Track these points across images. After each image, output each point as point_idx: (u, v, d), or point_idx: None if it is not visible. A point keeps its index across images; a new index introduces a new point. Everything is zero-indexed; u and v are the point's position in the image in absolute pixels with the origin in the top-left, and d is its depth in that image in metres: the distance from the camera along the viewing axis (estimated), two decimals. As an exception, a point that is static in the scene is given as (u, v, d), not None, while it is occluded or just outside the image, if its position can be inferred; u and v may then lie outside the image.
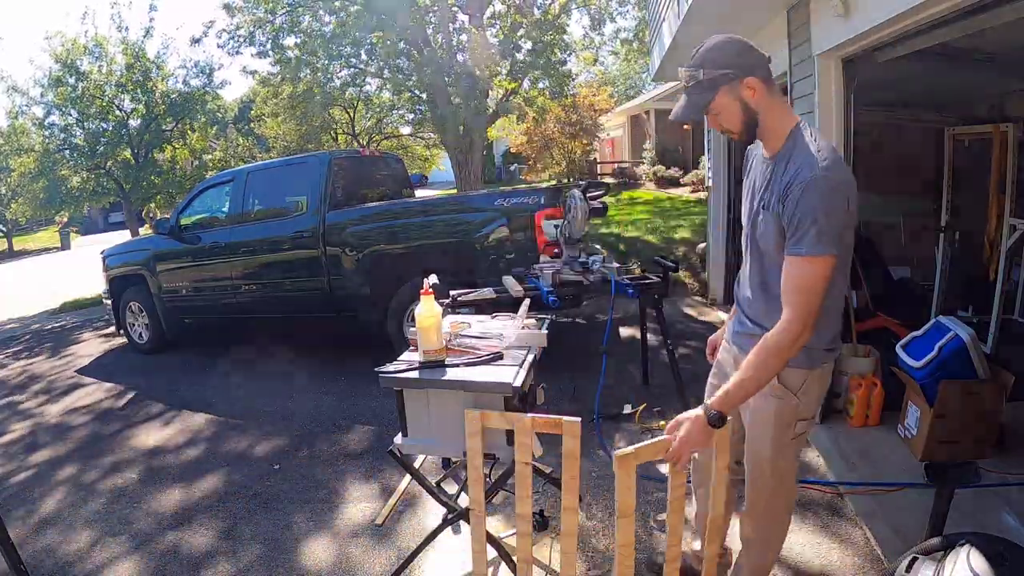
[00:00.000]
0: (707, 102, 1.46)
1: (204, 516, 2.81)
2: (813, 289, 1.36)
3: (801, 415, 1.58)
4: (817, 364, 1.55)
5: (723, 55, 1.42)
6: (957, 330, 2.66)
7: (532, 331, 2.09)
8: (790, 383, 1.55)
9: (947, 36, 2.15)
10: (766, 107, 1.44)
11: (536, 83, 11.26)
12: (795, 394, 1.55)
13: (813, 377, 1.55)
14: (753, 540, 1.81)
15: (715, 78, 1.42)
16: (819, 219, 1.32)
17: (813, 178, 1.34)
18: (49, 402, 4.73)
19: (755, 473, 1.71)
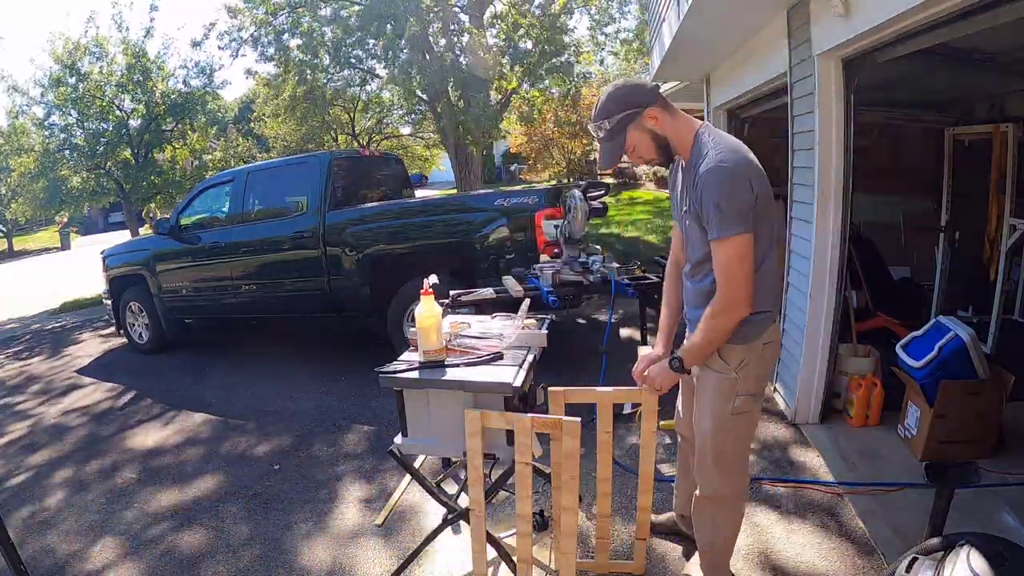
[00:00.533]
0: (622, 144, 1.64)
1: (204, 516, 2.81)
2: (732, 268, 1.53)
3: (740, 391, 1.68)
4: (754, 338, 1.65)
5: (619, 101, 1.61)
6: (957, 330, 2.66)
7: (532, 331, 2.09)
8: (729, 358, 1.67)
9: (947, 36, 2.15)
10: (671, 128, 1.62)
11: (537, 84, 11.27)
12: (734, 369, 1.67)
13: (752, 354, 1.67)
14: (703, 521, 1.90)
15: (620, 121, 1.61)
16: (720, 204, 1.50)
17: (708, 170, 1.52)
18: (49, 402, 4.73)
19: (700, 449, 1.81)
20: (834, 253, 2.90)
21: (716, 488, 1.81)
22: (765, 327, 1.67)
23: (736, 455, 1.79)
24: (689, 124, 1.63)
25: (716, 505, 1.84)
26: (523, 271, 3.76)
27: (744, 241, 1.51)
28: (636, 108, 1.59)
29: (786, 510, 2.44)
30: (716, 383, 1.70)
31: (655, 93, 1.62)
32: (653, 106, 1.60)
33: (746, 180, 1.51)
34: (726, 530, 1.88)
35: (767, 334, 1.68)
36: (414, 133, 17.60)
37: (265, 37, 10.33)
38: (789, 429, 3.10)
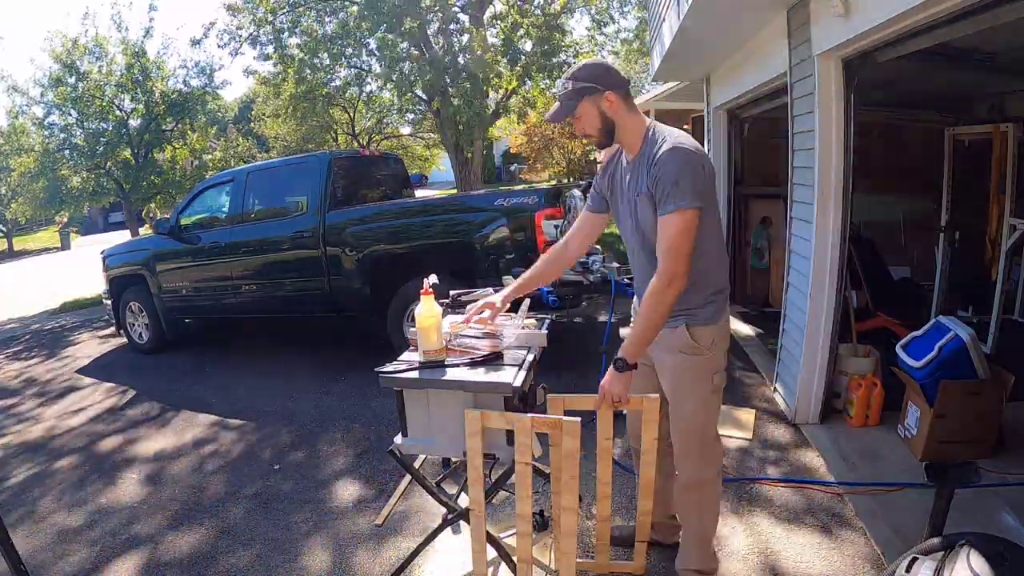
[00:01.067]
0: (573, 107, 1.73)
1: (204, 516, 2.81)
2: (678, 240, 1.60)
3: (715, 367, 1.80)
4: (719, 317, 1.78)
5: (590, 72, 1.72)
6: (957, 330, 2.66)
7: (532, 331, 2.09)
8: (702, 340, 1.76)
9: (947, 36, 2.15)
10: (622, 119, 1.73)
11: (537, 83, 11.27)
12: (706, 349, 1.76)
13: (720, 332, 1.79)
14: (689, 506, 1.96)
15: (581, 89, 1.71)
16: (679, 180, 1.58)
17: (668, 150, 1.61)
18: (48, 403, 4.72)
19: (682, 437, 1.87)
20: (834, 253, 2.90)
21: (700, 471, 1.89)
22: (723, 306, 1.79)
23: (713, 431, 1.89)
24: (641, 122, 1.75)
25: (701, 488, 1.91)
26: (523, 271, 3.76)
27: (694, 216, 1.59)
28: (599, 85, 1.70)
29: (786, 510, 2.44)
30: (693, 366, 1.78)
31: (623, 82, 1.73)
32: (615, 91, 1.70)
33: (700, 163, 1.62)
34: (712, 510, 1.97)
35: (726, 312, 1.81)
36: (414, 133, 17.59)
37: (264, 36, 10.32)
38: (789, 429, 3.10)
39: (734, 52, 4.34)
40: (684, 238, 1.59)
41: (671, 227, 1.60)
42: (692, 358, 1.77)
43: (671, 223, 1.60)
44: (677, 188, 1.58)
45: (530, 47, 10.45)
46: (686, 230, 1.59)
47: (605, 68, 1.74)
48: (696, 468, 1.88)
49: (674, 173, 1.59)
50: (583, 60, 1.80)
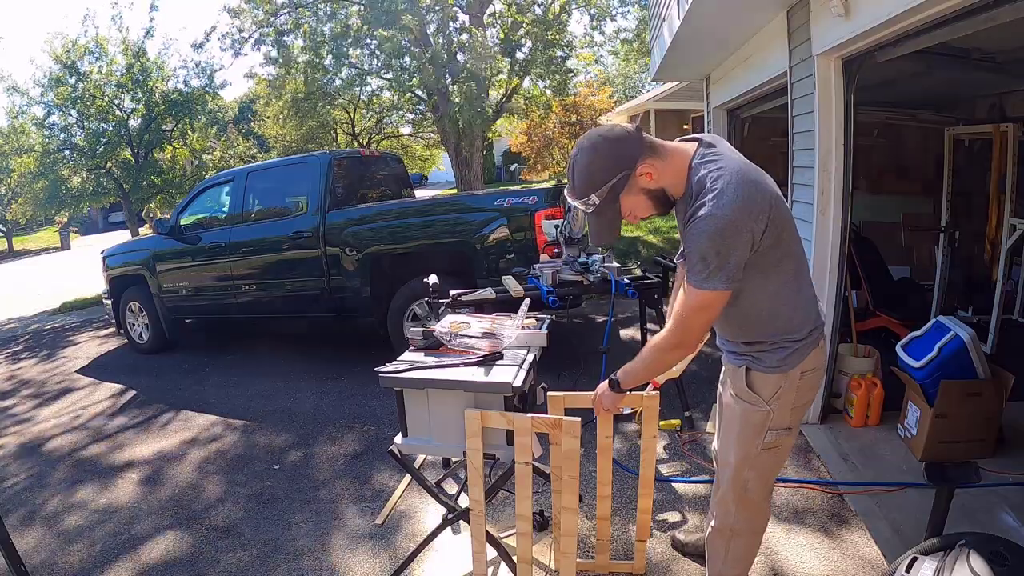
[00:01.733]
0: (617, 214, 1.45)
1: (204, 516, 2.81)
2: (692, 314, 1.42)
3: (773, 425, 1.54)
4: (792, 367, 1.50)
5: (605, 165, 1.38)
6: (957, 330, 2.66)
7: (532, 331, 2.09)
8: (760, 389, 1.52)
9: (947, 36, 2.15)
10: (666, 175, 1.41)
11: (537, 82, 11.27)
12: (767, 401, 1.52)
13: (788, 383, 1.51)
14: (717, 550, 1.78)
15: (613, 188, 1.39)
16: (705, 256, 1.33)
17: (703, 217, 1.32)
18: (48, 402, 4.72)
19: (721, 480, 1.71)
20: (834, 253, 2.90)
21: (733, 522, 1.70)
22: (805, 354, 1.51)
23: (760, 492, 1.67)
24: (681, 157, 1.42)
25: (734, 538, 1.73)
26: (523, 271, 3.76)
27: (717, 297, 1.37)
28: (626, 169, 1.38)
29: (786, 510, 2.44)
30: (745, 414, 1.56)
31: (641, 142, 1.40)
32: (643, 158, 1.38)
33: (745, 231, 1.33)
34: (739, 563, 1.78)
35: (807, 361, 1.52)
36: (414, 133, 17.59)
37: (266, 38, 10.32)
38: (789, 429, 3.10)
39: (734, 52, 4.34)
40: (698, 315, 1.42)
41: (689, 300, 1.42)
42: (747, 406, 1.55)
43: (690, 296, 1.42)
44: (703, 264, 1.34)
45: (530, 46, 10.45)
46: (701, 309, 1.40)
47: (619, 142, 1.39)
48: (729, 518, 1.70)
49: (702, 247, 1.33)
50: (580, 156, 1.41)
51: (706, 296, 1.37)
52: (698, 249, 1.35)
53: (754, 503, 1.67)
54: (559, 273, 3.56)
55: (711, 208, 1.31)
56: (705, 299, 1.38)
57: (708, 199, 1.32)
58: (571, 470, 1.75)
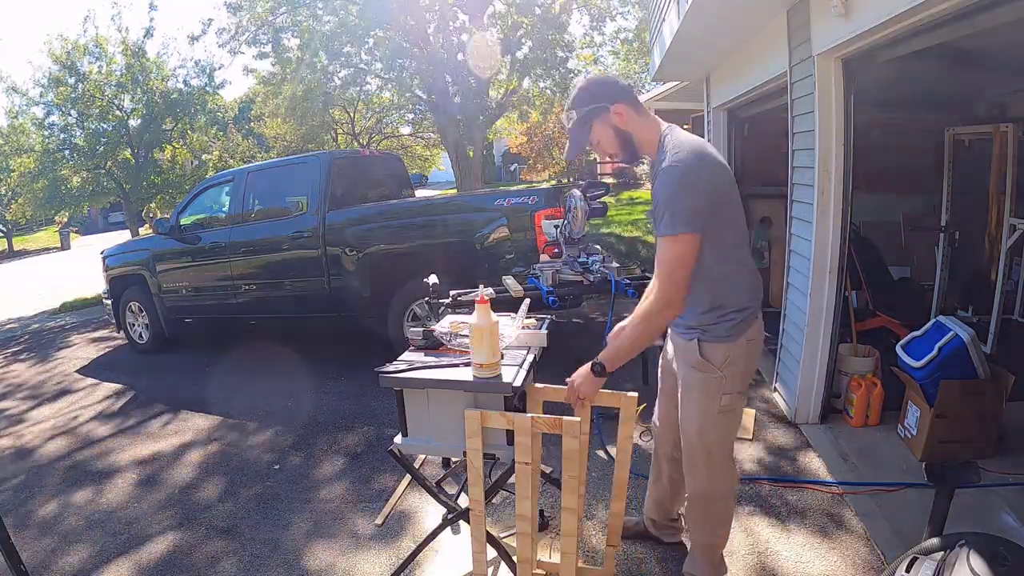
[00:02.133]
0: (586, 135, 1.67)
1: (204, 516, 2.81)
2: (672, 265, 1.53)
3: (726, 389, 1.70)
4: (737, 336, 1.67)
5: (589, 93, 1.64)
6: (957, 330, 2.66)
7: (532, 331, 2.09)
8: (713, 358, 1.68)
9: (947, 36, 2.15)
10: (636, 126, 1.64)
11: (537, 82, 11.27)
12: (719, 368, 1.69)
13: (736, 351, 1.68)
14: (697, 519, 1.93)
15: (588, 113, 1.64)
16: (670, 203, 1.51)
17: (664, 169, 1.54)
18: (47, 402, 4.72)
19: (687, 449, 1.84)
20: (834, 253, 2.90)
21: (707, 486, 1.85)
22: (748, 324, 1.69)
23: (723, 452, 1.83)
24: (655, 125, 1.65)
25: (708, 502, 1.88)
26: (523, 271, 3.76)
27: (687, 241, 1.51)
28: (603, 103, 1.62)
29: (786, 510, 2.44)
30: (702, 383, 1.72)
31: (626, 90, 1.66)
32: (621, 102, 1.62)
33: (698, 181, 1.51)
34: (720, 526, 1.92)
35: (750, 331, 1.70)
36: (414, 133, 17.60)
37: (263, 36, 10.31)
38: (789, 429, 3.10)
39: (734, 52, 4.34)
40: (678, 264, 1.52)
41: (665, 251, 1.54)
42: (701, 374, 1.71)
43: (665, 247, 1.54)
44: (668, 212, 1.51)
45: (530, 46, 10.45)
46: (680, 255, 1.52)
47: (604, 82, 1.68)
48: (702, 482, 1.84)
49: (666, 196, 1.52)
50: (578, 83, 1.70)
51: (679, 241, 1.51)
52: (664, 196, 1.54)
53: (719, 464, 1.82)
54: (559, 273, 3.57)
55: (671, 159, 1.54)
56: (679, 245, 1.52)
57: (669, 154, 1.55)
58: (571, 470, 1.75)
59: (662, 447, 2.10)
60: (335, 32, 9.63)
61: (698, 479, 1.84)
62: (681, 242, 1.51)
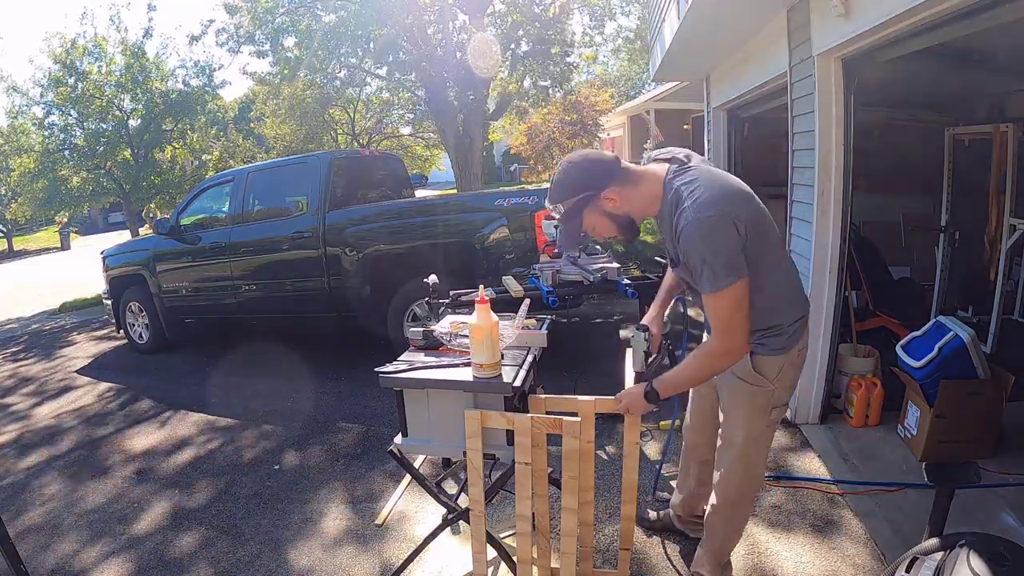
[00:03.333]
0: (579, 227, 1.59)
1: (204, 516, 2.81)
2: (726, 315, 1.48)
3: (775, 402, 1.68)
4: (791, 348, 1.63)
5: (573, 184, 1.54)
6: (957, 330, 2.66)
7: (532, 331, 2.09)
8: (766, 371, 1.63)
9: (947, 36, 2.15)
10: (632, 201, 1.55)
11: (536, 81, 11.27)
12: (771, 381, 1.64)
13: (788, 362, 1.64)
14: (716, 527, 1.90)
15: (575, 205, 1.55)
16: (707, 259, 1.43)
17: (688, 227, 1.43)
18: (47, 402, 4.72)
19: (726, 460, 1.80)
20: (834, 253, 2.90)
21: (734, 498, 1.83)
22: (801, 334, 1.66)
23: (760, 465, 1.82)
24: (654, 180, 1.55)
25: (732, 512, 1.87)
26: (523, 271, 3.76)
27: (738, 289, 1.44)
28: (590, 191, 1.53)
29: (786, 510, 2.44)
30: (751, 396, 1.67)
31: (611, 169, 1.54)
32: (609, 187, 1.52)
33: (730, 223, 1.42)
34: (735, 534, 1.94)
35: (801, 341, 1.67)
36: (414, 133, 17.59)
37: (262, 35, 10.31)
38: (789, 429, 3.10)
39: (734, 52, 4.34)
40: (732, 314, 1.47)
41: (715, 307, 1.49)
42: (751, 387, 1.66)
43: (715, 303, 1.48)
44: (709, 269, 1.43)
45: (529, 46, 10.45)
46: (732, 306, 1.46)
47: (586, 168, 1.55)
48: (731, 495, 1.83)
49: (700, 254, 1.43)
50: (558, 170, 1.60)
51: (727, 294, 1.44)
52: (697, 255, 1.44)
53: (754, 476, 1.81)
54: (559, 273, 3.56)
55: (692, 213, 1.43)
56: (729, 297, 1.44)
57: (687, 206, 1.44)
58: (571, 471, 1.75)
59: (694, 451, 2.09)
60: (334, 31, 9.63)
61: (730, 489, 1.82)
62: (730, 293, 1.44)
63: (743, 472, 1.77)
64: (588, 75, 16.91)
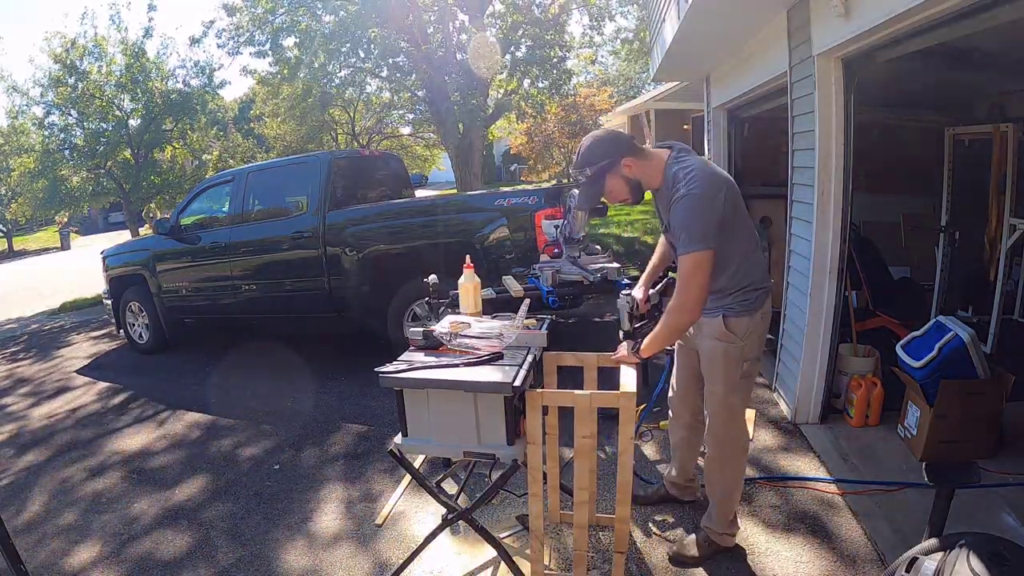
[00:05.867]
0: (600, 188, 1.93)
1: (204, 515, 2.81)
2: (688, 277, 1.81)
3: (747, 356, 1.99)
4: (756, 308, 1.96)
5: (599, 152, 1.89)
6: (957, 330, 2.66)
7: (532, 331, 2.09)
8: (736, 330, 1.95)
9: (947, 36, 2.15)
10: (642, 171, 1.91)
11: (535, 82, 11.28)
12: (740, 338, 1.96)
13: (755, 323, 1.97)
14: (715, 477, 2.15)
15: (599, 169, 1.88)
16: (688, 226, 1.79)
17: (679, 200, 1.81)
18: (47, 402, 4.72)
19: (712, 411, 2.09)
20: (834, 253, 2.90)
21: (725, 446, 2.09)
22: (763, 300, 1.98)
23: (742, 410, 2.10)
24: (658, 159, 1.91)
25: (725, 459, 2.11)
26: (523, 271, 3.76)
27: (702, 256, 1.78)
28: (613, 158, 1.87)
29: (786, 510, 2.44)
30: (725, 352, 1.97)
31: (630, 143, 1.92)
32: (628, 155, 1.87)
33: (711, 203, 1.78)
34: (734, 488, 2.14)
35: (764, 306, 1.99)
36: (414, 133, 17.60)
37: (262, 35, 10.31)
38: (789, 429, 3.10)
39: (734, 52, 4.34)
40: (695, 277, 1.79)
41: (685, 267, 1.81)
42: (726, 345, 1.96)
43: (684, 264, 1.81)
44: (687, 234, 1.78)
45: (528, 45, 10.45)
46: (696, 270, 1.78)
47: (611, 139, 1.91)
48: (720, 438, 2.09)
49: (683, 220, 1.79)
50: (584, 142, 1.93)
51: (694, 257, 1.79)
52: (681, 222, 1.81)
53: (739, 425, 2.11)
54: (559, 273, 3.57)
55: (685, 190, 1.80)
56: (694, 260, 1.79)
57: (682, 185, 1.81)
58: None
59: (680, 416, 2.34)
60: (334, 31, 9.62)
61: (719, 439, 2.09)
62: (698, 259, 1.78)
63: (728, 417, 2.06)
64: (587, 75, 16.92)
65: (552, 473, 2.18)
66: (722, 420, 2.07)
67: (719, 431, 2.08)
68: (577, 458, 1.90)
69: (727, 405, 2.04)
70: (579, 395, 1.86)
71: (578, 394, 1.86)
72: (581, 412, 1.84)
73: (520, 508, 2.53)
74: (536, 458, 1.86)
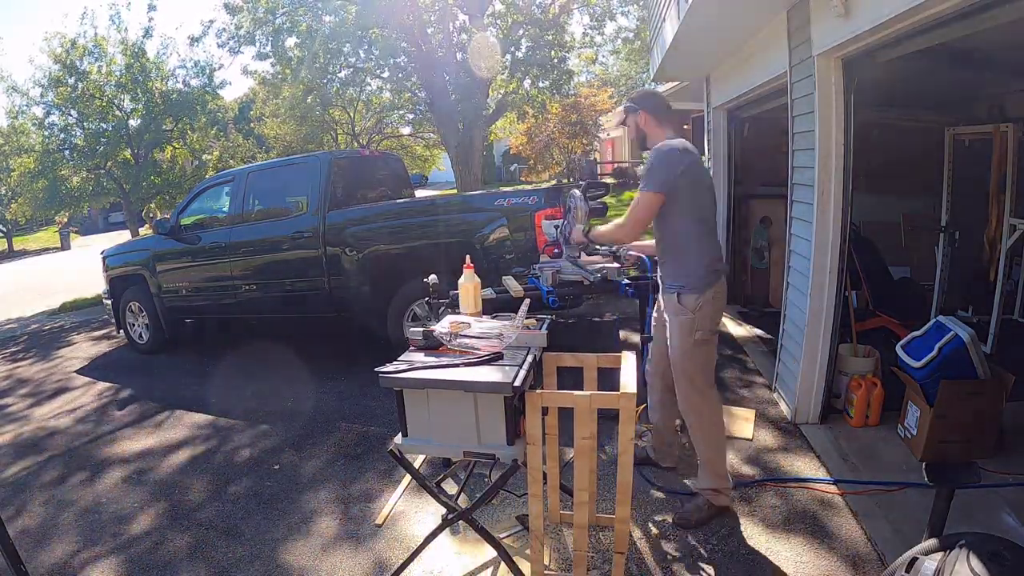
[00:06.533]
0: (623, 118, 2.48)
1: (203, 515, 2.81)
2: (636, 210, 2.25)
3: (697, 327, 2.27)
4: (706, 288, 2.26)
5: (639, 97, 2.45)
6: (957, 330, 2.66)
7: (532, 331, 2.09)
8: (687, 304, 2.28)
9: (947, 36, 2.15)
10: (650, 129, 2.40)
11: (536, 82, 11.28)
12: (690, 311, 2.27)
13: (704, 299, 2.26)
14: (695, 437, 2.43)
15: (628, 107, 2.45)
16: (650, 169, 2.23)
17: (651, 151, 2.28)
18: (47, 402, 4.72)
19: (676, 376, 2.38)
20: (834, 253, 2.90)
21: (694, 406, 2.37)
22: (710, 284, 2.27)
23: (703, 376, 2.35)
24: (665, 133, 2.34)
25: (699, 419, 2.38)
26: (523, 271, 3.75)
27: (650, 196, 2.21)
28: (639, 107, 2.40)
29: (786, 510, 2.44)
30: (679, 323, 2.30)
31: (657, 107, 2.39)
32: (648, 112, 2.38)
33: (672, 161, 2.19)
34: (715, 442, 2.39)
35: (712, 290, 2.27)
36: (414, 133, 17.60)
37: (263, 36, 10.31)
38: (789, 429, 3.10)
39: (734, 52, 4.34)
40: (639, 210, 2.25)
41: (636, 199, 2.26)
42: (679, 317, 2.30)
43: (637, 198, 2.26)
44: (647, 174, 2.24)
45: (528, 46, 10.45)
46: (642, 206, 2.23)
47: (647, 94, 2.47)
48: (688, 404, 2.38)
49: (649, 164, 2.26)
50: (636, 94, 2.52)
51: (646, 195, 2.22)
52: (646, 167, 2.26)
53: (701, 386, 2.35)
54: (559, 273, 3.56)
55: (657, 147, 2.27)
56: (646, 198, 2.22)
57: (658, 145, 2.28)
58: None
59: (656, 383, 2.62)
60: (334, 32, 9.63)
61: (685, 398, 2.38)
62: (647, 197, 2.22)
63: (687, 383, 2.34)
64: (588, 75, 16.92)
65: (552, 473, 2.19)
66: (683, 384, 2.35)
67: (684, 393, 2.36)
68: (577, 458, 1.90)
69: (683, 370, 2.32)
70: (579, 396, 1.86)
71: (578, 395, 1.86)
72: (581, 413, 1.84)
73: (520, 508, 2.53)
74: (536, 458, 1.86)
